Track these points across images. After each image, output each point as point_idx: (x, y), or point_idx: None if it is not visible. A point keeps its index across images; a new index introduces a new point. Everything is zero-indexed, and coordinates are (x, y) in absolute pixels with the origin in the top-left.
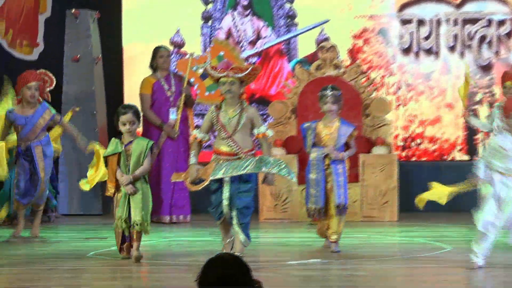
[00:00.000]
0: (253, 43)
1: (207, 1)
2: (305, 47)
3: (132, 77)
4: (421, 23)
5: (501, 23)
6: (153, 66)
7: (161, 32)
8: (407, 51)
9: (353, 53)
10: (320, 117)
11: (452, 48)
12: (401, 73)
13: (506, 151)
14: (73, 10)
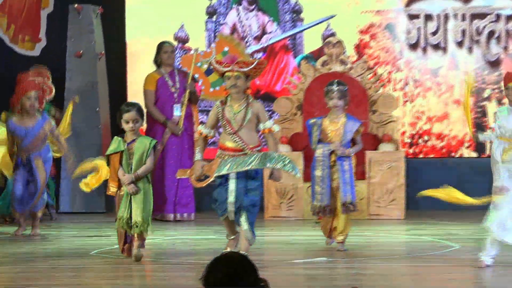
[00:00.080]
0: (258, 39)
1: None
2: (311, 42)
3: (135, 73)
4: (428, 18)
5: (509, 18)
6: (157, 61)
7: (165, 27)
8: (414, 46)
9: (360, 48)
10: (326, 113)
11: (460, 43)
12: (408, 69)
13: None
14: (76, 5)
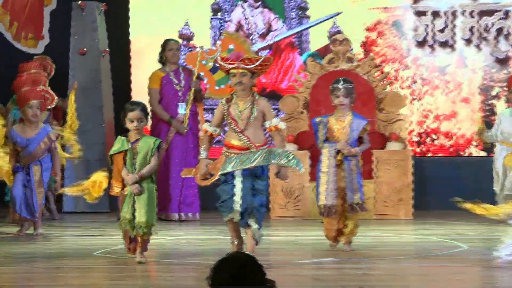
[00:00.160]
0: (264, 36)
1: None
2: (317, 39)
3: (139, 70)
4: (436, 15)
5: None
6: (162, 59)
7: (169, 24)
8: (422, 44)
9: (367, 46)
10: (332, 112)
11: (468, 40)
12: (416, 67)
13: None
14: (79, 2)
